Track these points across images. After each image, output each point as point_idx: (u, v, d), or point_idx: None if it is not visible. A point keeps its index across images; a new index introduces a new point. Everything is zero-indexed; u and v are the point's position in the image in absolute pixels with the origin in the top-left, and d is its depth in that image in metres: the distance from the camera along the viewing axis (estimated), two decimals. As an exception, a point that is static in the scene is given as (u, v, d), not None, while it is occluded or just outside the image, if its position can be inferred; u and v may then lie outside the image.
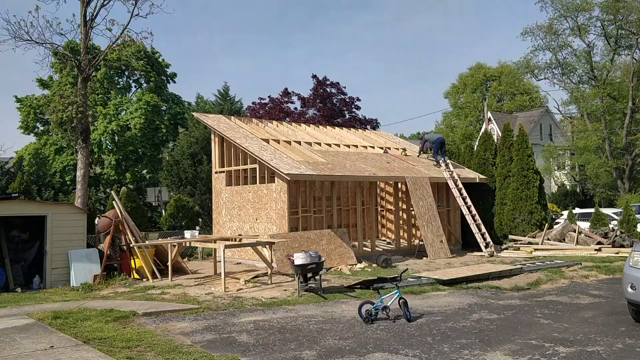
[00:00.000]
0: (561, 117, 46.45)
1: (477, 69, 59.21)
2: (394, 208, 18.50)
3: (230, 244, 12.55)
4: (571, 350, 6.74)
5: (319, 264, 10.54)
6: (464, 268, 13.61)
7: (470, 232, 17.76)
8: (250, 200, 16.06)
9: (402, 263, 15.24)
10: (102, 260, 13.05)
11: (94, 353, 6.61)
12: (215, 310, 9.42)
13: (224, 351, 6.87)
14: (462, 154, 21.76)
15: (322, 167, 15.63)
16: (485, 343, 7.17)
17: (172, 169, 26.12)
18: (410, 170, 18.04)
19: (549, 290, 11.38)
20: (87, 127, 16.92)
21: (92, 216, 17.12)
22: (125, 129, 33.64)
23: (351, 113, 32.88)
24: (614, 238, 17.59)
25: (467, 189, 18.38)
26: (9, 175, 26.13)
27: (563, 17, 36.70)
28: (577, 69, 38.43)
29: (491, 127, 39.82)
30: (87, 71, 17.05)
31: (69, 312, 9.04)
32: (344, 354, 6.72)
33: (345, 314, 9.05)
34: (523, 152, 18.86)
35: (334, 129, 22.15)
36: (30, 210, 12.92)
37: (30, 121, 35.29)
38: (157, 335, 7.59)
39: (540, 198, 18.72)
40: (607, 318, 8.61)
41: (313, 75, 32.12)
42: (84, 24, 16.78)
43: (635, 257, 8.06)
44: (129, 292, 11.66)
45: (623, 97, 35.69)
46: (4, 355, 6.54)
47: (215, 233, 17.46)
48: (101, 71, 33.98)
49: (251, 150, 15.58)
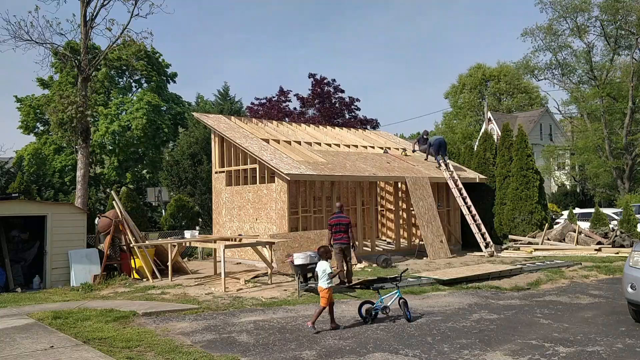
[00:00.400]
0: (561, 117, 46.50)
1: (476, 68, 59.22)
2: (394, 208, 18.50)
3: (230, 244, 12.56)
4: (571, 350, 6.74)
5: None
6: (464, 268, 13.62)
7: (470, 232, 17.76)
8: (250, 200, 16.06)
9: (402, 263, 15.24)
10: (102, 260, 13.05)
11: (94, 353, 6.61)
12: (215, 310, 9.42)
13: (224, 351, 6.87)
14: (462, 154, 21.77)
15: (322, 167, 15.63)
16: (485, 343, 7.17)
17: (172, 169, 26.11)
18: (410, 170, 18.05)
19: (549, 290, 11.38)
20: (87, 127, 16.93)
21: (92, 216, 17.13)
22: (126, 129, 33.64)
23: (351, 113, 32.90)
24: (614, 238, 17.60)
25: (467, 189, 18.38)
26: (9, 175, 26.13)
27: (562, 18, 36.75)
28: (577, 69, 38.50)
29: (491, 127, 39.82)
30: (87, 71, 17.06)
31: (69, 312, 9.04)
32: (344, 354, 6.72)
33: (345, 314, 9.05)
34: (523, 152, 18.87)
35: (334, 129, 22.16)
36: (30, 210, 12.92)
37: (30, 121, 35.30)
38: (157, 335, 7.59)
39: (540, 198, 18.72)
40: (607, 318, 8.61)
41: (310, 74, 32.12)
42: (84, 23, 16.79)
43: (635, 257, 8.06)
44: (129, 292, 11.66)
45: (623, 97, 35.72)
46: (4, 355, 6.54)
47: (215, 233, 17.47)
48: (102, 71, 33.99)
49: (251, 150, 15.58)
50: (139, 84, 38.72)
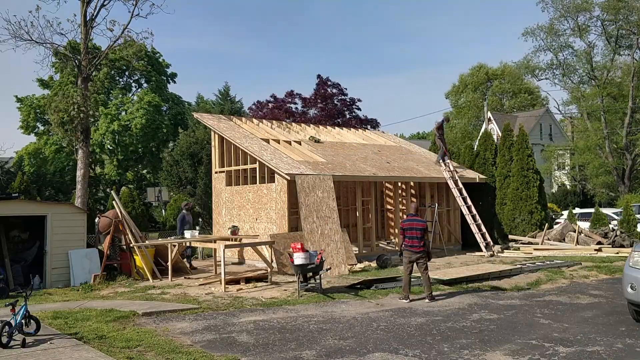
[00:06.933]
0: (561, 117, 46.50)
1: (478, 68, 59.21)
2: (394, 208, 18.49)
3: (230, 243, 12.56)
4: (571, 350, 6.74)
5: (318, 264, 10.54)
6: (464, 268, 13.61)
7: (470, 232, 17.75)
8: (250, 200, 16.06)
9: (402, 263, 15.21)
10: (102, 260, 13.05)
11: (94, 353, 6.61)
12: (215, 310, 9.42)
13: (224, 351, 6.87)
14: (462, 154, 21.76)
15: (322, 167, 15.63)
16: (485, 343, 7.16)
17: (172, 169, 26.12)
18: (410, 170, 18.04)
19: (549, 290, 11.37)
20: (88, 127, 16.94)
21: (92, 216, 17.13)
22: (126, 129, 33.65)
23: (352, 113, 33.02)
24: (614, 238, 17.59)
25: (467, 189, 18.37)
26: (9, 175, 26.13)
27: (563, 18, 36.77)
28: (577, 69, 38.50)
29: (491, 127, 39.81)
30: (88, 71, 17.06)
31: (69, 312, 9.04)
32: (344, 354, 6.72)
33: (345, 314, 9.05)
34: (523, 152, 18.85)
35: (334, 129, 22.15)
36: (30, 210, 12.91)
37: (31, 121, 35.33)
38: (157, 335, 7.59)
39: (540, 198, 18.71)
40: (607, 318, 8.61)
41: (318, 75, 32.31)
42: (84, 23, 16.80)
43: (635, 257, 8.06)
44: (129, 292, 11.66)
45: (623, 96, 35.71)
46: (4, 354, 6.54)
47: (215, 233, 17.47)
48: (102, 71, 33.99)
49: (251, 150, 15.58)
50: (139, 83, 38.74)
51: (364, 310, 9.32)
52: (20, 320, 7.14)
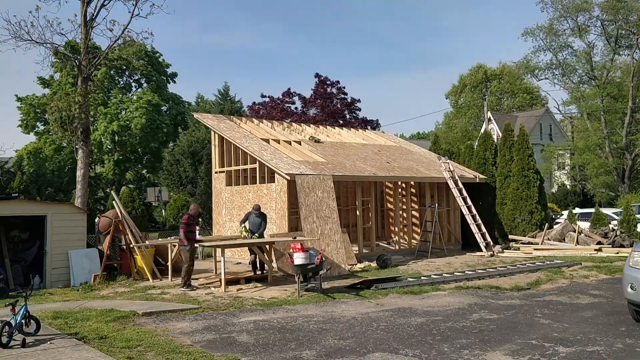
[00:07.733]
0: (561, 117, 46.49)
1: (477, 68, 59.25)
2: (394, 208, 18.49)
3: (230, 243, 12.56)
4: (571, 350, 6.74)
5: (318, 264, 10.54)
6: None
7: (470, 232, 17.75)
8: (250, 200, 16.04)
9: (402, 263, 15.24)
10: (102, 260, 13.05)
11: (94, 353, 6.61)
12: (215, 310, 9.42)
13: (224, 351, 6.87)
14: (462, 153, 21.76)
15: (322, 167, 15.62)
16: (485, 343, 7.16)
17: (172, 168, 26.11)
18: (410, 170, 18.04)
19: (549, 290, 11.38)
20: (87, 127, 16.92)
21: (92, 216, 17.12)
22: (125, 129, 33.63)
23: (352, 113, 33.02)
24: (614, 238, 17.59)
25: (467, 189, 18.36)
26: (9, 174, 26.13)
27: (563, 18, 36.75)
28: (577, 69, 38.49)
29: (491, 127, 39.83)
30: (88, 71, 17.05)
31: (69, 312, 9.04)
32: (344, 354, 6.72)
33: (345, 314, 9.05)
34: (523, 152, 18.85)
35: (334, 129, 22.15)
36: (30, 210, 12.90)
37: (30, 120, 35.31)
38: (157, 335, 7.59)
39: (540, 198, 18.71)
40: (607, 318, 8.61)
41: (316, 74, 32.30)
42: (84, 23, 16.78)
43: (635, 257, 8.06)
44: (129, 292, 11.66)
45: (623, 96, 35.70)
46: (4, 354, 6.54)
47: (215, 233, 17.47)
48: (102, 70, 33.98)
49: (251, 150, 15.58)
50: (139, 83, 38.72)
51: (364, 310, 9.32)
52: (20, 320, 7.14)
